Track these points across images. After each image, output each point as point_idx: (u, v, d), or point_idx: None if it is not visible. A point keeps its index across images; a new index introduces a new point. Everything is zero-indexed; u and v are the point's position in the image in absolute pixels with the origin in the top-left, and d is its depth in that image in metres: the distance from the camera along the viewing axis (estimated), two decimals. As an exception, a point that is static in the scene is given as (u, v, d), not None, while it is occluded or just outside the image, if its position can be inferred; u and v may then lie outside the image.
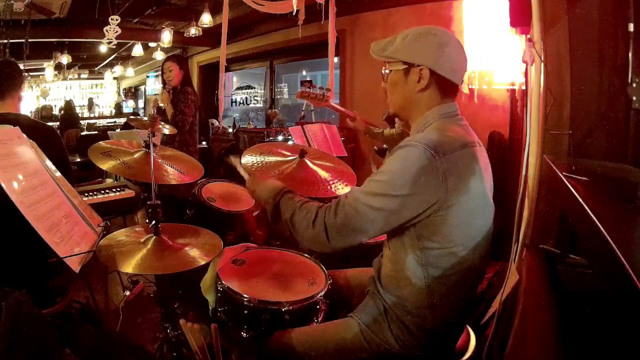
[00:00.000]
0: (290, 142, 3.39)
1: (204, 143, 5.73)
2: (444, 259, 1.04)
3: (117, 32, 4.30)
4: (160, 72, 3.37)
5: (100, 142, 1.77)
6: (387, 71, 1.16)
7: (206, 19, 4.71)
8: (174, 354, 1.59)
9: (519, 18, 1.34)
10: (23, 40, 4.70)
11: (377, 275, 1.20)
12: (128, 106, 11.23)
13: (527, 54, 1.29)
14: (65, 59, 6.71)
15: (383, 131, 2.61)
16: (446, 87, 1.11)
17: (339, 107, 2.57)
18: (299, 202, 1.12)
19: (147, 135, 1.68)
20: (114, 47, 5.02)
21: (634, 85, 1.03)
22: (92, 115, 10.67)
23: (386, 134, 2.60)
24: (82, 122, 9.08)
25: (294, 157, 1.72)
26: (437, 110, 1.11)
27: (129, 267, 1.24)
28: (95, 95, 11.16)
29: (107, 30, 4.27)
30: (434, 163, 0.97)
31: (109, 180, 3.62)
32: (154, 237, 1.38)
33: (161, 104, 3.07)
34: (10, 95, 1.72)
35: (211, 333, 1.11)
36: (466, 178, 1.02)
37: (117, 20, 4.25)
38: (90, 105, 10.88)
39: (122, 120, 9.43)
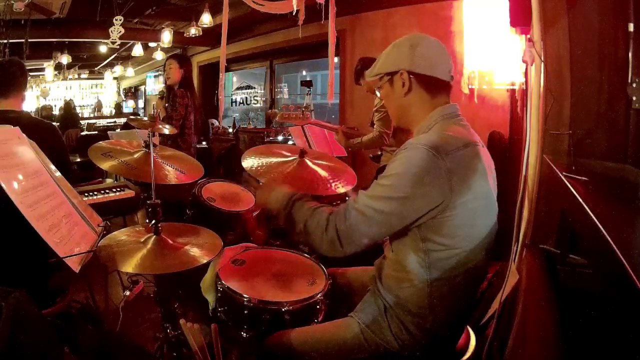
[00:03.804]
0: (290, 142, 3.39)
1: (204, 143, 5.73)
2: (448, 260, 1.04)
3: (120, 32, 4.32)
4: (160, 72, 3.45)
5: (100, 142, 1.78)
6: (378, 89, 1.22)
7: (206, 19, 4.70)
8: (174, 354, 1.59)
9: (519, 18, 1.33)
10: (23, 40, 4.69)
11: (379, 275, 1.20)
12: (128, 106, 11.22)
13: (527, 54, 1.29)
14: (65, 59, 6.71)
15: (362, 139, 2.65)
16: (430, 85, 1.13)
17: (322, 122, 2.64)
18: (309, 210, 1.10)
19: (147, 135, 1.68)
20: (118, 47, 5.02)
21: (634, 85, 1.02)
22: (94, 115, 10.65)
23: (365, 140, 2.64)
24: (82, 122, 9.08)
25: (294, 157, 1.72)
26: (438, 111, 1.12)
27: (129, 266, 1.24)
28: (95, 95, 11.16)
29: (111, 31, 4.29)
30: (437, 163, 0.98)
31: (109, 180, 3.63)
32: (154, 236, 1.38)
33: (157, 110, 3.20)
34: (14, 95, 1.75)
35: (211, 333, 1.11)
36: (470, 177, 1.03)
37: (120, 20, 4.26)
38: (99, 106, 10.79)
39: (122, 120, 9.42)
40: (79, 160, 4.99)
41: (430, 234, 1.03)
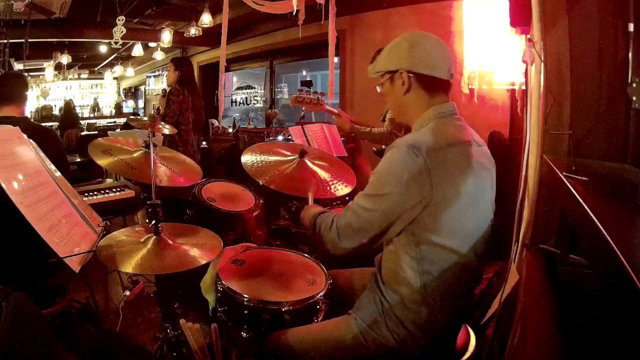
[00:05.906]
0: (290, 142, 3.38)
1: (204, 143, 5.73)
2: (437, 255, 1.07)
3: (122, 32, 4.33)
4: (160, 72, 3.54)
5: (100, 138, 1.78)
6: (380, 86, 1.26)
7: (206, 19, 4.71)
8: (174, 354, 1.59)
9: (519, 18, 1.33)
10: (23, 40, 4.69)
11: (378, 270, 1.21)
12: (128, 106, 11.22)
13: (527, 54, 1.29)
14: (65, 59, 6.71)
15: (371, 130, 2.62)
16: (429, 84, 1.15)
17: (330, 108, 2.60)
18: (325, 215, 1.26)
19: (147, 135, 1.68)
20: (120, 47, 5.04)
21: (634, 85, 1.03)
22: (93, 115, 10.64)
23: (374, 132, 2.61)
24: (82, 122, 9.08)
25: (294, 157, 1.72)
26: (433, 110, 1.15)
27: (129, 267, 1.23)
28: (95, 95, 11.15)
29: (115, 31, 4.31)
30: (416, 161, 1.02)
31: (109, 180, 3.62)
32: (154, 236, 1.38)
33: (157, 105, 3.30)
34: (15, 103, 1.77)
35: (211, 333, 1.12)
36: (454, 175, 1.06)
37: (122, 20, 4.28)
38: (96, 107, 10.77)
39: (122, 120, 9.43)
40: (78, 160, 5.00)
41: (417, 229, 1.07)
